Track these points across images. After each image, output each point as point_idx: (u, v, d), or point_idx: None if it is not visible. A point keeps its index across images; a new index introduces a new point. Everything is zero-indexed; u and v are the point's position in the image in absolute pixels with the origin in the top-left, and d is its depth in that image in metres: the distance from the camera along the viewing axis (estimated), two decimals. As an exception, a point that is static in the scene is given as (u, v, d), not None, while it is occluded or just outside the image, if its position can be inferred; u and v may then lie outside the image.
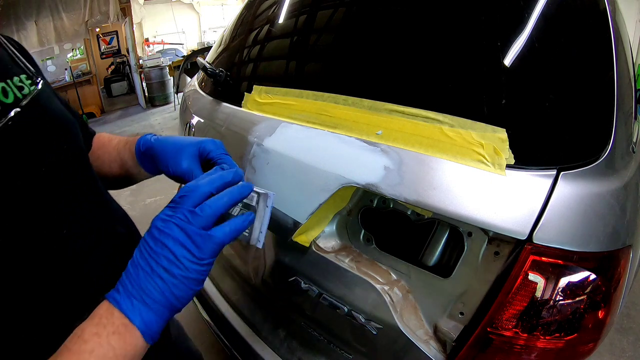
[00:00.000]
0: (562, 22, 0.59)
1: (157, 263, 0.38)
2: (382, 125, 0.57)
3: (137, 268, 0.38)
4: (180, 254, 0.38)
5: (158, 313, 0.37)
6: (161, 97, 6.17)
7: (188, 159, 0.51)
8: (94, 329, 0.35)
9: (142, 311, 0.37)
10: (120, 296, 0.37)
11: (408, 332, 0.57)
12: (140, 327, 0.36)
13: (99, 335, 0.34)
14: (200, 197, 0.40)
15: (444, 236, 0.58)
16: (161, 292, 0.37)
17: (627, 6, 3.63)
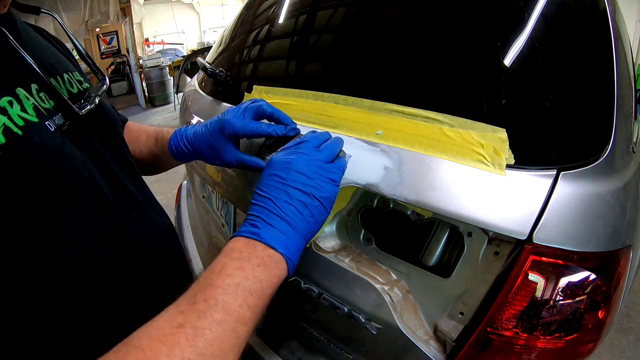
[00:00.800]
0: (562, 22, 0.59)
1: (295, 189, 0.39)
2: (382, 125, 0.57)
3: (270, 200, 0.39)
4: (316, 175, 0.41)
5: (297, 242, 0.38)
6: (161, 97, 6.17)
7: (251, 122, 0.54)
8: (236, 263, 0.34)
9: (284, 240, 0.37)
10: (260, 230, 0.37)
11: (408, 332, 0.57)
12: (285, 254, 0.37)
13: (242, 269, 0.34)
14: (318, 142, 0.47)
15: (444, 236, 0.58)
16: (303, 217, 0.39)
17: (627, 6, 3.63)
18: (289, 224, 0.38)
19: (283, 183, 0.40)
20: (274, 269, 0.36)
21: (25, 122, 0.32)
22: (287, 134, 0.55)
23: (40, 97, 0.36)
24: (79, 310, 0.35)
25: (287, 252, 0.37)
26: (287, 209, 0.38)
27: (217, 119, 0.56)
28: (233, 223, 0.93)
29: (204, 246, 1.16)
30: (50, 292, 0.35)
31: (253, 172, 0.60)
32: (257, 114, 0.55)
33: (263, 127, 0.53)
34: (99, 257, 0.41)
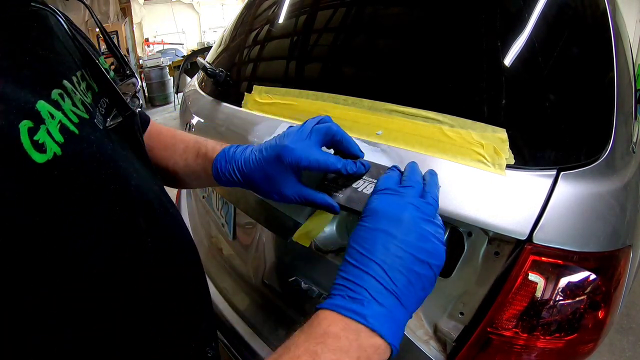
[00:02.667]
0: (562, 22, 0.59)
1: (409, 254, 0.31)
2: (382, 125, 0.57)
3: (378, 266, 0.30)
4: (430, 236, 0.33)
5: (403, 323, 0.31)
6: (161, 97, 6.16)
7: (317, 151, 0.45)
8: (332, 355, 0.27)
9: (392, 324, 0.29)
10: (365, 308, 0.29)
11: (408, 332, 0.57)
12: (393, 344, 0.29)
13: None
14: (421, 187, 0.39)
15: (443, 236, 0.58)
16: (415, 291, 0.31)
17: (627, 6, 3.63)
18: (400, 300, 0.30)
19: (395, 245, 0.31)
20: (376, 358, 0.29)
21: (79, 118, 0.28)
22: (357, 172, 0.45)
23: (82, 90, 0.31)
24: (79, 312, 0.34)
25: (394, 340, 0.29)
26: (399, 280, 0.30)
27: (276, 143, 0.46)
28: (233, 223, 0.93)
29: (204, 246, 1.16)
30: (49, 293, 0.35)
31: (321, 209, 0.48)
32: (326, 139, 0.46)
33: (331, 160, 0.44)
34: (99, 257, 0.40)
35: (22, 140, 0.22)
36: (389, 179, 0.40)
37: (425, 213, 0.35)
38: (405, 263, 0.31)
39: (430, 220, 0.35)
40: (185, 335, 0.42)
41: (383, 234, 0.32)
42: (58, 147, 0.24)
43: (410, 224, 0.33)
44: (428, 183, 0.41)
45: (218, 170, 0.50)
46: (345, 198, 0.46)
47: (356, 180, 0.47)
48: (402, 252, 0.31)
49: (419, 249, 0.32)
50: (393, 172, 0.43)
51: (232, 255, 0.99)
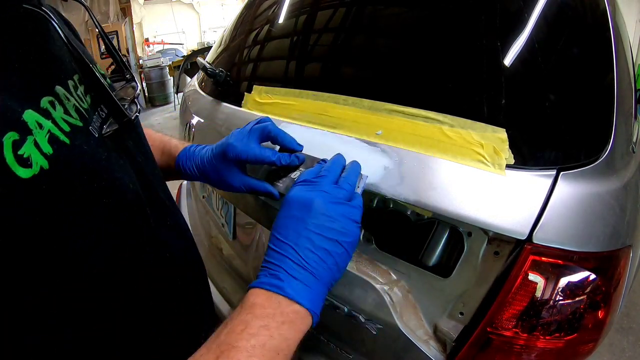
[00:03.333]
0: (562, 22, 0.59)
1: (318, 234, 0.36)
2: (382, 125, 0.57)
3: (291, 247, 0.35)
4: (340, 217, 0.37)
5: (321, 293, 0.35)
6: (161, 97, 6.17)
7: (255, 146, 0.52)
8: (260, 321, 0.31)
9: (309, 293, 0.34)
10: (284, 282, 0.34)
11: (408, 332, 0.57)
12: (311, 309, 0.34)
13: (267, 328, 0.31)
14: (336, 175, 0.43)
15: (443, 236, 0.58)
16: (327, 266, 0.35)
17: (627, 6, 3.63)
18: (313, 274, 0.35)
19: (305, 228, 0.36)
20: (300, 325, 0.33)
21: (71, 127, 0.27)
22: (290, 164, 0.52)
23: (78, 95, 0.30)
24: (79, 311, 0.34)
25: (312, 306, 0.34)
26: (311, 258, 0.35)
27: (222, 142, 0.55)
28: (233, 223, 0.93)
29: (204, 246, 1.16)
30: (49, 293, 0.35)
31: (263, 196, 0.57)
32: (262, 136, 0.52)
33: (266, 153, 0.51)
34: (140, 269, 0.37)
35: (5, 155, 0.21)
36: (309, 172, 0.44)
37: (335, 197, 0.39)
38: (314, 243, 0.36)
39: (340, 202, 0.39)
40: (186, 336, 0.42)
41: (294, 219, 0.37)
42: (45, 161, 0.23)
43: (318, 207, 0.37)
44: (346, 171, 0.45)
45: (180, 165, 0.59)
46: (284, 187, 0.52)
47: (295, 172, 0.53)
48: (311, 234, 0.36)
49: (327, 229, 0.37)
50: (317, 166, 0.47)
51: (232, 255, 0.99)
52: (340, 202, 0.39)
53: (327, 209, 0.38)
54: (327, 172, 0.43)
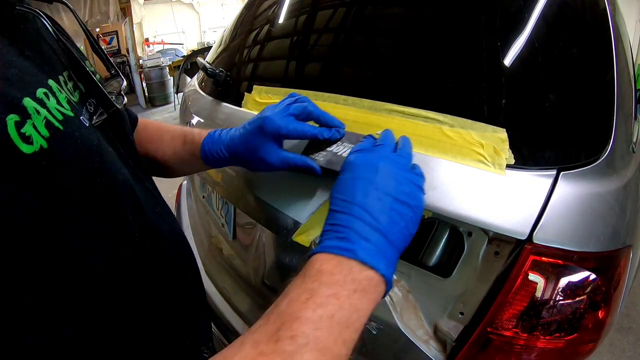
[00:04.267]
0: (562, 22, 0.59)
1: (388, 195, 0.34)
2: (382, 125, 0.57)
3: (360, 208, 0.32)
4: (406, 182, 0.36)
5: (395, 259, 0.33)
6: (161, 97, 6.17)
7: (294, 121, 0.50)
8: (329, 289, 0.28)
9: (383, 257, 0.31)
10: (355, 244, 0.30)
11: (408, 332, 0.57)
12: (387, 278, 0.31)
13: (337, 297, 0.28)
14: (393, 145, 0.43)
15: (444, 236, 0.58)
16: (400, 230, 0.33)
17: (627, 6, 3.63)
18: (386, 237, 0.32)
19: (374, 189, 0.34)
20: (373, 293, 0.30)
21: (63, 116, 0.28)
22: (331, 138, 0.51)
23: (68, 89, 0.32)
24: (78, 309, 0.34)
25: (387, 272, 0.31)
26: (383, 219, 0.32)
27: (257, 117, 0.52)
28: (233, 223, 0.93)
29: (204, 246, 1.16)
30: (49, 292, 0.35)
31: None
32: (301, 115, 0.51)
33: (307, 127, 0.49)
34: (131, 256, 0.37)
35: (10, 132, 0.22)
36: (364, 142, 0.44)
37: (399, 163, 0.38)
38: (385, 204, 0.33)
39: (405, 169, 0.38)
40: (185, 335, 0.42)
41: (362, 180, 0.35)
42: (44, 141, 0.25)
43: (385, 170, 0.36)
44: (401, 142, 0.44)
45: (206, 152, 0.55)
46: (325, 161, 0.50)
47: (336, 146, 0.52)
48: (381, 195, 0.34)
49: (397, 191, 0.35)
50: (369, 138, 0.46)
51: (232, 255, 0.99)
52: (405, 168, 0.38)
53: (394, 173, 0.36)
54: (385, 142, 0.42)
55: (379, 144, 0.42)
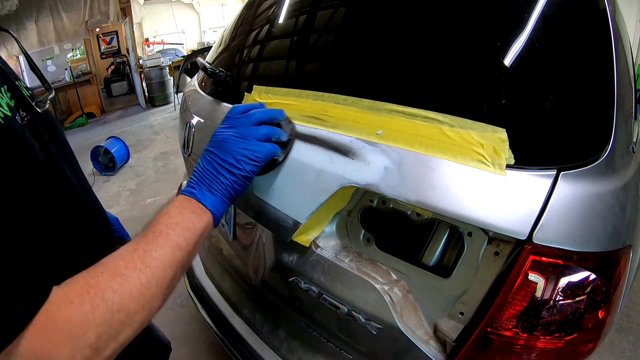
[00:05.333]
0: (562, 22, 0.59)
1: (222, 167, 0.52)
2: (382, 125, 0.57)
3: (203, 172, 0.52)
4: (242, 158, 0.52)
5: (222, 201, 0.52)
6: (161, 97, 6.17)
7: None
8: (177, 209, 0.48)
9: (211, 199, 0.50)
10: (195, 190, 0.51)
11: (408, 332, 0.57)
12: (211, 209, 0.50)
13: (181, 214, 0.47)
14: (259, 118, 0.57)
15: (444, 236, 0.58)
16: (225, 187, 0.52)
17: (627, 6, 3.63)
18: (216, 189, 0.51)
19: (214, 160, 0.53)
20: (203, 217, 0.49)
21: (4, 114, 0.38)
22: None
23: (8, 97, 0.44)
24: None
25: (212, 207, 0.50)
26: (214, 181, 0.51)
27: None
28: (233, 223, 0.93)
29: (204, 246, 1.16)
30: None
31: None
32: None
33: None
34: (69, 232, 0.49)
35: None
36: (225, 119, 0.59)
37: (245, 138, 0.55)
38: (218, 170, 0.52)
39: (247, 146, 0.54)
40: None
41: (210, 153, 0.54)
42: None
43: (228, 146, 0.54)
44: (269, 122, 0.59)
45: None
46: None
47: None
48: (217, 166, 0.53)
49: (230, 164, 0.53)
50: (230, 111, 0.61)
51: (232, 255, 0.99)
52: (248, 144, 0.54)
53: (234, 149, 0.53)
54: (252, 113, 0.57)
55: (248, 110, 0.58)
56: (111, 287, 0.36)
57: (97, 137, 4.72)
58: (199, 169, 0.53)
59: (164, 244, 0.43)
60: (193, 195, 0.50)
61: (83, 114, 5.87)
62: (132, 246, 0.42)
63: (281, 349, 0.82)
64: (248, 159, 0.53)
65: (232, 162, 0.52)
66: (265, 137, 0.56)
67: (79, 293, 0.35)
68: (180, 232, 0.45)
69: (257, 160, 0.53)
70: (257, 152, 0.54)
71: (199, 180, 0.52)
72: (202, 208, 0.49)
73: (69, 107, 5.99)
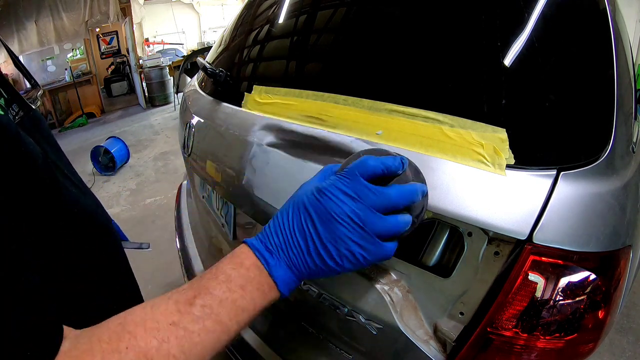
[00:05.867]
0: (562, 22, 0.59)
1: (315, 248, 0.38)
2: (382, 125, 0.57)
3: (290, 237, 0.38)
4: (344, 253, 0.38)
5: (297, 282, 0.40)
6: (161, 97, 6.17)
7: None
8: (241, 280, 0.37)
9: (286, 277, 0.38)
10: (272, 259, 0.38)
11: (408, 332, 0.57)
12: (282, 290, 0.38)
13: (244, 289, 0.36)
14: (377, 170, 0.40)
15: (444, 236, 0.58)
16: (307, 270, 0.39)
17: (627, 6, 3.63)
18: (298, 269, 0.39)
19: (311, 234, 0.38)
20: (269, 296, 0.38)
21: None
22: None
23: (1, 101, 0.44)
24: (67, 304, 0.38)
25: (285, 290, 0.39)
26: (299, 258, 0.38)
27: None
28: (233, 223, 0.93)
29: (204, 246, 1.16)
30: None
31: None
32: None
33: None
34: (50, 220, 0.44)
35: None
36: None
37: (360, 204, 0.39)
38: (310, 247, 0.39)
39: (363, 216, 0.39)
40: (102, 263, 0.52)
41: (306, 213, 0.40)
42: None
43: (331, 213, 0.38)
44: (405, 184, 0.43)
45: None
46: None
47: None
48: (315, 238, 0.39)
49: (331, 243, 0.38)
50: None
51: (232, 255, 0.99)
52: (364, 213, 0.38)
53: (339, 221, 0.37)
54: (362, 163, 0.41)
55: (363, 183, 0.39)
56: None
57: (97, 137, 4.72)
58: (285, 229, 0.39)
59: (211, 329, 0.34)
60: (267, 265, 0.38)
61: (83, 114, 5.88)
62: (172, 317, 0.33)
63: (281, 349, 0.82)
64: (354, 258, 0.38)
65: (333, 253, 0.37)
66: (394, 233, 0.40)
67: None
68: (235, 313, 0.35)
69: (363, 263, 0.39)
70: (371, 253, 0.38)
71: (280, 245, 0.38)
72: (271, 285, 0.38)
73: (69, 107, 5.99)
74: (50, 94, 5.51)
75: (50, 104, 5.51)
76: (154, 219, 2.63)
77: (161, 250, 2.19)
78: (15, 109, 0.47)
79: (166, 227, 2.49)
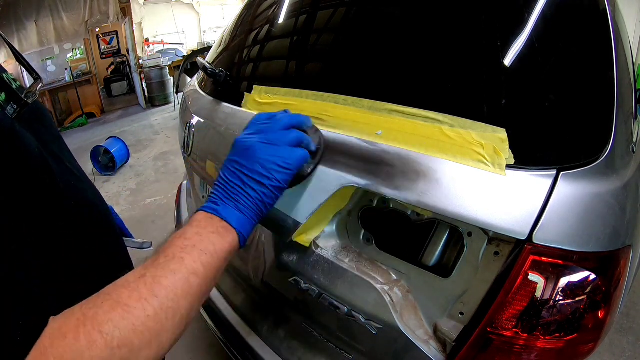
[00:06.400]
0: (562, 22, 0.59)
1: (249, 177, 0.46)
2: (382, 125, 0.57)
3: (227, 184, 0.46)
4: (272, 166, 0.46)
5: (250, 218, 0.45)
6: (161, 97, 6.17)
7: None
8: (195, 229, 0.41)
9: (237, 216, 0.44)
10: (218, 206, 0.44)
11: (408, 332, 0.57)
12: (237, 228, 0.43)
13: (200, 234, 0.41)
14: (288, 122, 0.51)
15: (444, 236, 0.58)
16: (253, 201, 0.45)
17: (627, 6, 3.62)
18: (243, 204, 0.45)
19: (240, 170, 0.46)
20: (227, 237, 0.42)
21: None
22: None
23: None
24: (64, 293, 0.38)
25: (238, 225, 0.43)
26: (240, 194, 0.45)
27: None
28: (233, 223, 0.93)
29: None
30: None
31: None
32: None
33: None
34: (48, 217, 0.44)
35: None
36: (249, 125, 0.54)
37: (275, 145, 0.48)
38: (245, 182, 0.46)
39: (277, 153, 0.48)
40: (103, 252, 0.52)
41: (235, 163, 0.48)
42: None
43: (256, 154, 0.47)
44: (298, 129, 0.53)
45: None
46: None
47: None
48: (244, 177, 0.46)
49: (260, 174, 0.46)
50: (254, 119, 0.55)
51: (232, 255, 0.99)
52: (278, 151, 0.47)
53: (263, 157, 0.47)
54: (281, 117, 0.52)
55: (275, 116, 0.52)
56: (111, 319, 0.31)
57: (97, 137, 4.72)
58: (221, 182, 0.46)
59: (176, 270, 0.37)
60: (215, 211, 0.43)
61: (83, 114, 5.87)
62: (140, 272, 0.36)
63: (281, 349, 0.82)
64: (279, 167, 0.46)
65: (261, 171, 0.46)
66: (297, 142, 0.50)
67: (75, 326, 0.30)
68: (198, 255, 0.39)
69: (289, 168, 0.47)
70: (288, 158, 0.47)
71: (222, 194, 0.45)
72: (225, 226, 0.43)
73: (69, 107, 5.99)
74: (50, 94, 5.51)
75: (50, 104, 5.51)
76: (154, 219, 2.63)
77: (161, 250, 2.18)
78: (15, 106, 0.46)
79: (166, 227, 2.48)
